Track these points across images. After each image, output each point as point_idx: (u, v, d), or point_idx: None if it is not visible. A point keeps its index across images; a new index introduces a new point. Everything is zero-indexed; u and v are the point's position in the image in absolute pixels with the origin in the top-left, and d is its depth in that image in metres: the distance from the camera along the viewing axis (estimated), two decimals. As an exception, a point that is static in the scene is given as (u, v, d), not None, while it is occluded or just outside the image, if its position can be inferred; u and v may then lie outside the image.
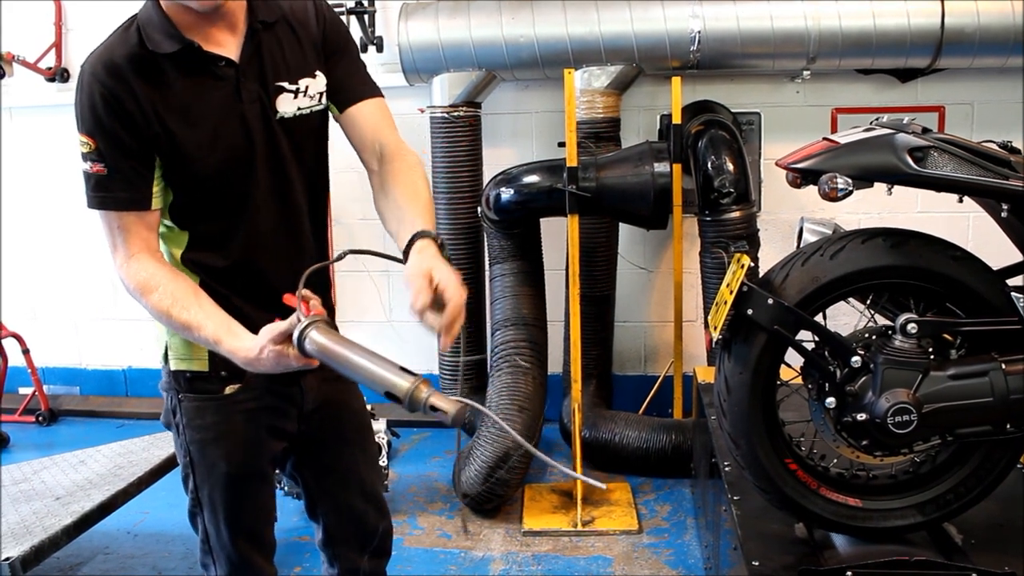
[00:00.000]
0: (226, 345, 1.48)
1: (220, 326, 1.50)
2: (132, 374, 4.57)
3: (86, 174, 1.53)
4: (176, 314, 1.50)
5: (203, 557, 1.77)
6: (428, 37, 3.59)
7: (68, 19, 4.23)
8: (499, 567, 2.95)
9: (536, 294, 3.56)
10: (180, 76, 1.51)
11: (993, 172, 1.82)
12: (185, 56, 1.51)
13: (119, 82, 1.48)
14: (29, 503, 2.60)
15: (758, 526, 2.12)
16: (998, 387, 1.89)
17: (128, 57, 1.49)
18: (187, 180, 1.56)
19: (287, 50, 1.61)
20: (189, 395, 1.67)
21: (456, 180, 3.67)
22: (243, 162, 1.57)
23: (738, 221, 3.35)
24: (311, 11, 1.66)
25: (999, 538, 2.04)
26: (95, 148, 1.50)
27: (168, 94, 1.50)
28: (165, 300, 1.51)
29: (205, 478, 1.69)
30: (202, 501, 1.71)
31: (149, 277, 1.53)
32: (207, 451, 1.67)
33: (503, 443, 3.22)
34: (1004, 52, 3.45)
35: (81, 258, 4.41)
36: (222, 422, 1.67)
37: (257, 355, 1.45)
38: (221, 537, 1.71)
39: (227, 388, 1.66)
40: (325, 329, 1.41)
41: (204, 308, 1.52)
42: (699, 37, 3.49)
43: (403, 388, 1.33)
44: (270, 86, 1.59)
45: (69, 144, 4.76)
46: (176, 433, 1.71)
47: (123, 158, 1.50)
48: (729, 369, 1.96)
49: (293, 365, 1.45)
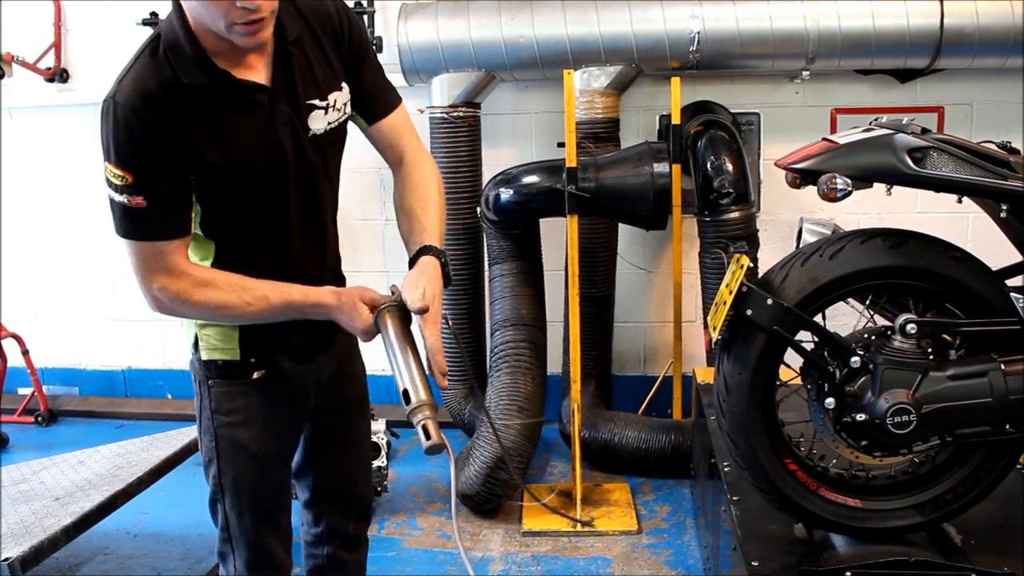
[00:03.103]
0: (314, 295, 1.57)
1: (294, 286, 1.57)
2: (131, 374, 4.57)
3: (122, 206, 1.49)
4: (248, 295, 1.54)
5: (221, 546, 1.79)
6: (427, 37, 3.59)
7: (68, 19, 4.22)
8: (499, 567, 2.95)
9: (536, 294, 3.56)
10: (215, 104, 1.50)
11: (992, 172, 1.82)
12: (221, 86, 1.49)
13: (156, 113, 1.45)
14: (28, 503, 2.60)
15: (757, 526, 2.13)
16: (997, 387, 1.89)
17: (163, 87, 1.46)
18: (219, 203, 1.57)
19: (315, 65, 1.60)
20: (218, 380, 1.71)
21: (455, 180, 3.67)
22: (277, 184, 1.59)
23: (737, 221, 3.35)
24: (332, 13, 1.64)
25: (999, 538, 2.04)
26: (133, 182, 1.46)
27: (204, 123, 1.49)
28: (232, 291, 1.54)
29: (230, 462, 1.72)
30: (225, 487, 1.74)
31: (205, 282, 1.55)
32: (236, 433, 1.71)
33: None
34: (1003, 52, 3.45)
35: (81, 258, 4.41)
36: (250, 406, 1.71)
37: (341, 300, 1.55)
38: (243, 523, 1.75)
39: (255, 374, 1.70)
40: (400, 318, 1.55)
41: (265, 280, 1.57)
42: (698, 37, 3.49)
43: (414, 397, 1.47)
44: (302, 106, 1.58)
45: (69, 144, 4.76)
46: (201, 420, 1.74)
47: (165, 189, 1.49)
48: (728, 369, 1.96)
49: (356, 327, 1.55)
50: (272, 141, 1.55)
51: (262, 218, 1.61)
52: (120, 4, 4.01)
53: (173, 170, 1.48)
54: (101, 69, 4.15)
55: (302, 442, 1.87)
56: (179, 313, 1.59)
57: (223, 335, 1.68)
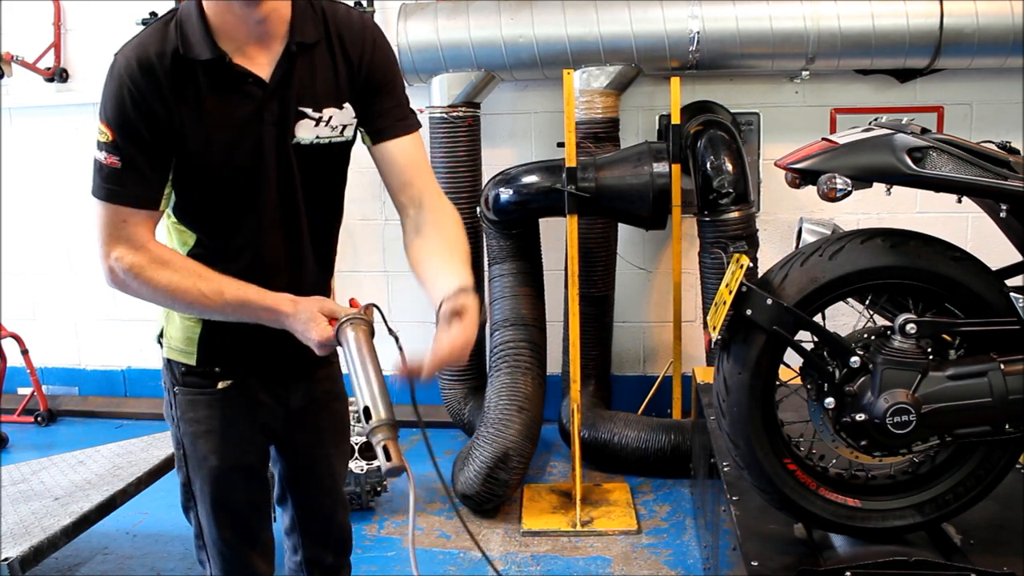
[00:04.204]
0: (269, 299, 1.51)
1: (251, 286, 1.51)
2: (131, 374, 4.57)
3: (98, 163, 1.49)
4: (204, 284, 1.50)
5: (198, 553, 1.78)
6: (427, 37, 3.59)
7: (67, 19, 4.23)
8: (498, 567, 2.95)
9: (535, 294, 3.56)
10: (209, 84, 1.49)
11: (992, 172, 1.82)
12: (216, 66, 1.49)
13: (149, 79, 1.45)
14: (28, 503, 2.60)
15: (757, 526, 2.12)
16: (997, 387, 1.88)
17: (162, 55, 1.46)
18: (194, 187, 1.55)
19: (319, 76, 1.57)
20: (183, 388, 1.69)
21: (455, 180, 3.67)
22: (252, 182, 1.56)
23: (737, 221, 3.35)
24: (364, 41, 1.61)
25: (998, 538, 2.04)
26: (112, 140, 1.47)
27: (194, 100, 1.49)
28: (188, 276, 1.50)
29: (196, 471, 1.71)
30: (195, 494, 1.73)
31: (163, 261, 1.51)
32: (198, 444, 1.69)
33: (502, 444, 3.22)
34: (1003, 52, 3.46)
35: (81, 258, 4.41)
36: (214, 416, 1.68)
37: (297, 309, 1.49)
38: (212, 532, 1.73)
39: (220, 383, 1.68)
40: (364, 332, 1.48)
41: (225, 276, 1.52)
42: (698, 37, 3.49)
43: (375, 416, 1.40)
44: (293, 111, 1.55)
45: (68, 144, 4.75)
46: (171, 425, 1.73)
47: (140, 155, 1.48)
48: (728, 369, 1.96)
49: (312, 337, 1.48)
50: (254, 137, 1.53)
51: (235, 217, 1.58)
52: (120, 4, 4.01)
53: (152, 141, 1.47)
54: (101, 69, 4.17)
55: (278, 472, 1.85)
56: (131, 289, 1.53)
57: (184, 337, 1.66)
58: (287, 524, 1.88)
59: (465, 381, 3.83)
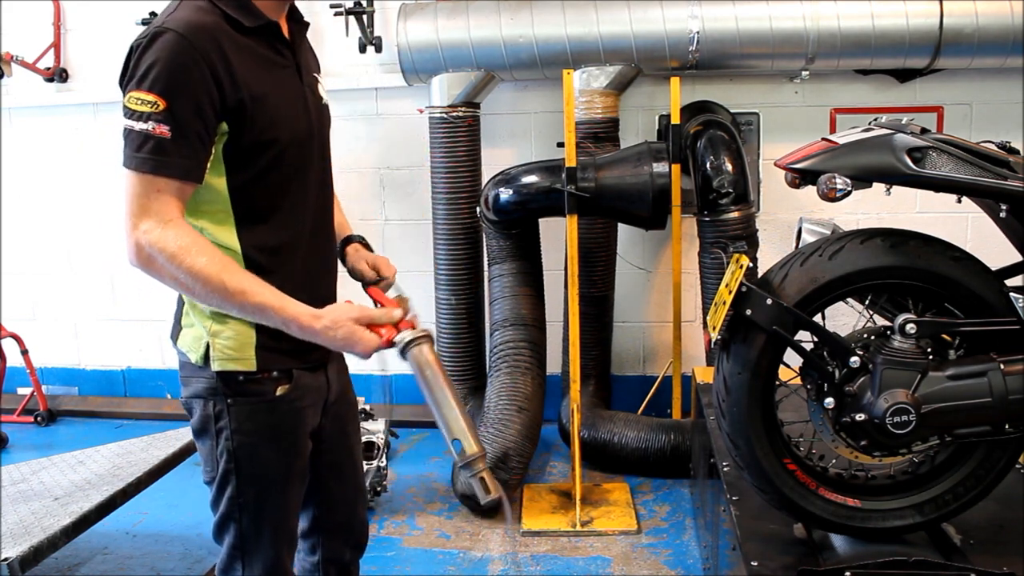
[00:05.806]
0: (290, 309, 1.47)
1: (277, 293, 1.48)
2: (131, 374, 4.57)
3: (143, 135, 1.43)
4: (228, 278, 1.45)
5: (229, 562, 1.68)
6: (427, 37, 3.59)
7: (67, 19, 4.23)
8: (498, 567, 2.95)
9: (535, 294, 3.56)
10: (258, 51, 1.54)
11: (992, 172, 1.82)
12: (262, 33, 1.54)
13: (212, 45, 1.45)
14: (28, 503, 2.59)
15: (757, 526, 2.12)
16: (997, 387, 1.88)
17: (216, 25, 1.49)
18: (257, 153, 1.53)
19: (305, 43, 1.71)
20: (240, 399, 1.60)
21: (455, 180, 3.67)
22: (306, 144, 1.62)
23: (737, 221, 3.35)
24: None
25: (998, 538, 2.04)
26: (165, 108, 1.42)
27: (253, 66, 1.52)
28: (214, 264, 1.45)
29: (253, 482, 1.63)
30: (244, 507, 1.64)
31: (192, 242, 1.46)
32: (259, 453, 1.62)
33: (502, 444, 3.22)
34: (1003, 52, 3.46)
35: (81, 258, 4.41)
36: (276, 424, 1.63)
37: (327, 325, 1.46)
38: (262, 540, 1.66)
39: (279, 389, 1.62)
40: (433, 352, 1.47)
41: (253, 276, 1.49)
42: (698, 37, 3.49)
43: (469, 449, 1.42)
44: (308, 72, 1.67)
45: (68, 144, 4.76)
46: (215, 439, 1.62)
47: (194, 122, 1.44)
48: (728, 369, 1.96)
49: (356, 350, 1.48)
50: (302, 97, 1.62)
51: (290, 181, 1.59)
52: (120, 4, 4.01)
53: (213, 108, 1.45)
54: (101, 69, 4.18)
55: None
56: (155, 266, 1.46)
57: (237, 342, 1.58)
58: (305, 527, 1.85)
59: (465, 381, 3.83)
